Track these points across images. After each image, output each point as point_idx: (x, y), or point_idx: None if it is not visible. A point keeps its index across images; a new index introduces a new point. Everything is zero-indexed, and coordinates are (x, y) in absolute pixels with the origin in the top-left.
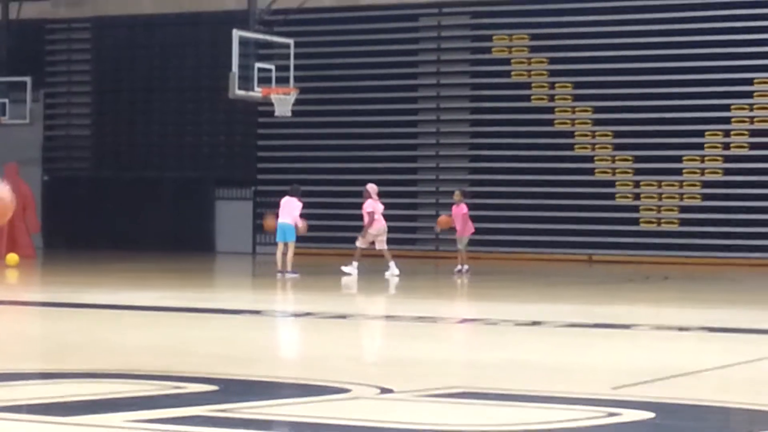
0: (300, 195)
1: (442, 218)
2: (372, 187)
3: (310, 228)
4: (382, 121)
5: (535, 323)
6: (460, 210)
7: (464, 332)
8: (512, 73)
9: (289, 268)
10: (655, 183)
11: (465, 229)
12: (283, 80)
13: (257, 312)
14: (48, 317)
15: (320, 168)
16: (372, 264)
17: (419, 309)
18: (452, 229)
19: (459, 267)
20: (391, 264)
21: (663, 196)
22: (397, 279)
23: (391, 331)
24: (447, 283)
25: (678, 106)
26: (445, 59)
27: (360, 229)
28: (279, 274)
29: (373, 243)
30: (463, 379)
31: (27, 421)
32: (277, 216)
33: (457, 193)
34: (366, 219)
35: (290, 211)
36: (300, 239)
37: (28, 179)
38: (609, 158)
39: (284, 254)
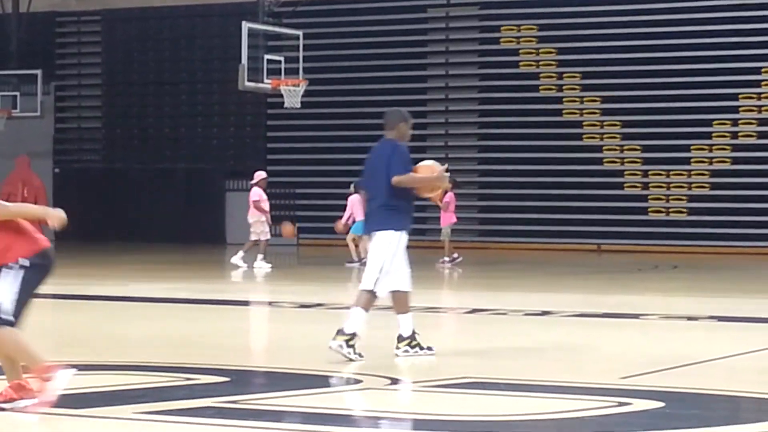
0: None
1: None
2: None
3: (318, 219)
4: None
5: (544, 313)
6: (446, 198)
7: (473, 323)
8: (521, 63)
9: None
10: (663, 172)
11: (447, 218)
12: (292, 72)
13: (268, 303)
14: (59, 309)
15: (329, 159)
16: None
17: (428, 299)
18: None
19: (443, 258)
20: (259, 256)
21: (671, 185)
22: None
23: None
24: (455, 274)
25: (686, 95)
26: (453, 50)
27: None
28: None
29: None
30: (473, 369)
31: (38, 413)
32: (293, 223)
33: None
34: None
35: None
36: (307, 230)
37: (40, 172)
38: (617, 148)
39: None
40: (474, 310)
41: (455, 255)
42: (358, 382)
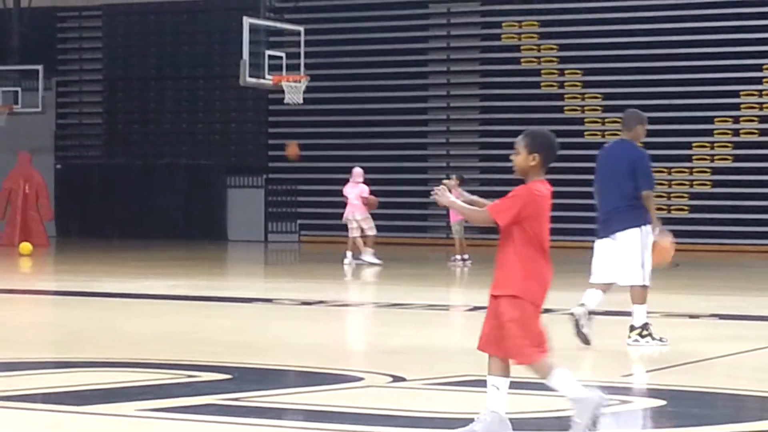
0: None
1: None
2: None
3: (320, 215)
4: (392, 108)
5: (545, 311)
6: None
7: (475, 320)
8: (522, 60)
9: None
10: (665, 170)
11: (455, 214)
12: (293, 68)
13: (269, 300)
14: (61, 306)
15: (331, 156)
16: (386, 252)
17: (431, 297)
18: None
19: (456, 256)
20: (348, 254)
21: (673, 183)
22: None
23: (402, 320)
24: (457, 271)
25: (687, 92)
26: (454, 46)
27: (376, 215)
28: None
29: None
30: (475, 367)
31: (41, 410)
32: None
33: (454, 177)
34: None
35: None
36: (308, 227)
37: (41, 167)
38: None
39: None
40: (475, 308)
41: (466, 256)
42: (359, 379)
